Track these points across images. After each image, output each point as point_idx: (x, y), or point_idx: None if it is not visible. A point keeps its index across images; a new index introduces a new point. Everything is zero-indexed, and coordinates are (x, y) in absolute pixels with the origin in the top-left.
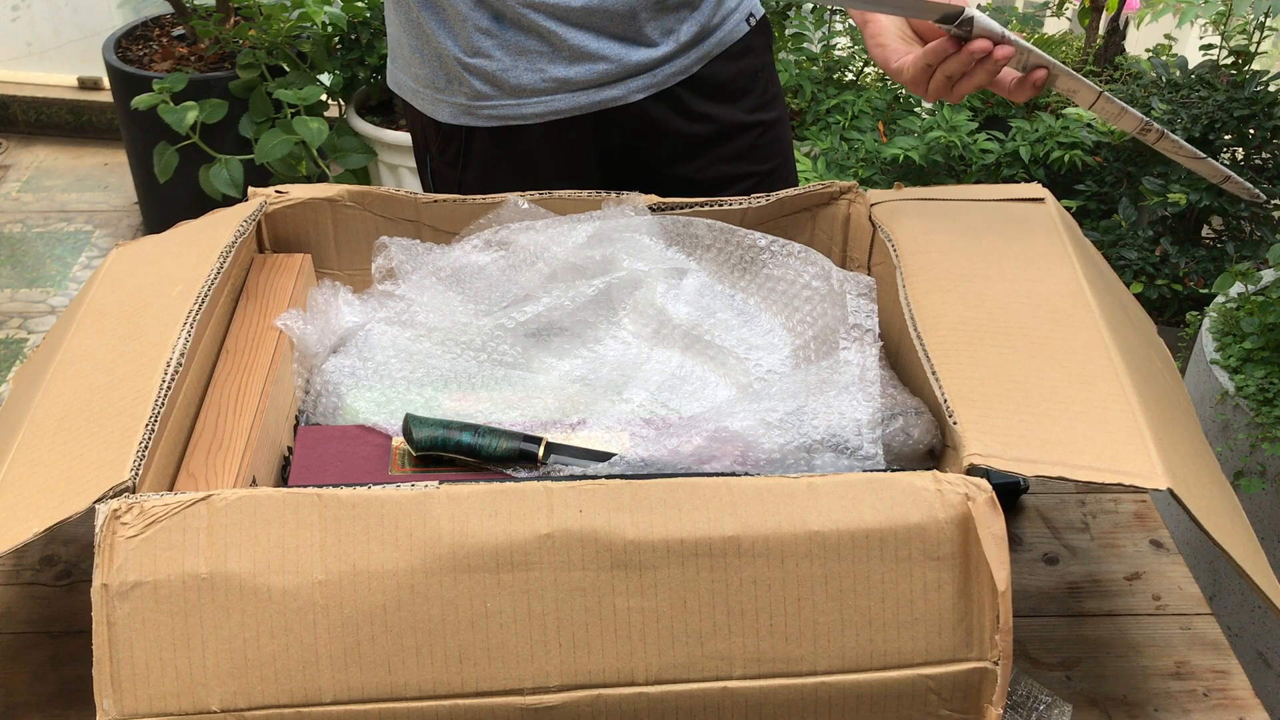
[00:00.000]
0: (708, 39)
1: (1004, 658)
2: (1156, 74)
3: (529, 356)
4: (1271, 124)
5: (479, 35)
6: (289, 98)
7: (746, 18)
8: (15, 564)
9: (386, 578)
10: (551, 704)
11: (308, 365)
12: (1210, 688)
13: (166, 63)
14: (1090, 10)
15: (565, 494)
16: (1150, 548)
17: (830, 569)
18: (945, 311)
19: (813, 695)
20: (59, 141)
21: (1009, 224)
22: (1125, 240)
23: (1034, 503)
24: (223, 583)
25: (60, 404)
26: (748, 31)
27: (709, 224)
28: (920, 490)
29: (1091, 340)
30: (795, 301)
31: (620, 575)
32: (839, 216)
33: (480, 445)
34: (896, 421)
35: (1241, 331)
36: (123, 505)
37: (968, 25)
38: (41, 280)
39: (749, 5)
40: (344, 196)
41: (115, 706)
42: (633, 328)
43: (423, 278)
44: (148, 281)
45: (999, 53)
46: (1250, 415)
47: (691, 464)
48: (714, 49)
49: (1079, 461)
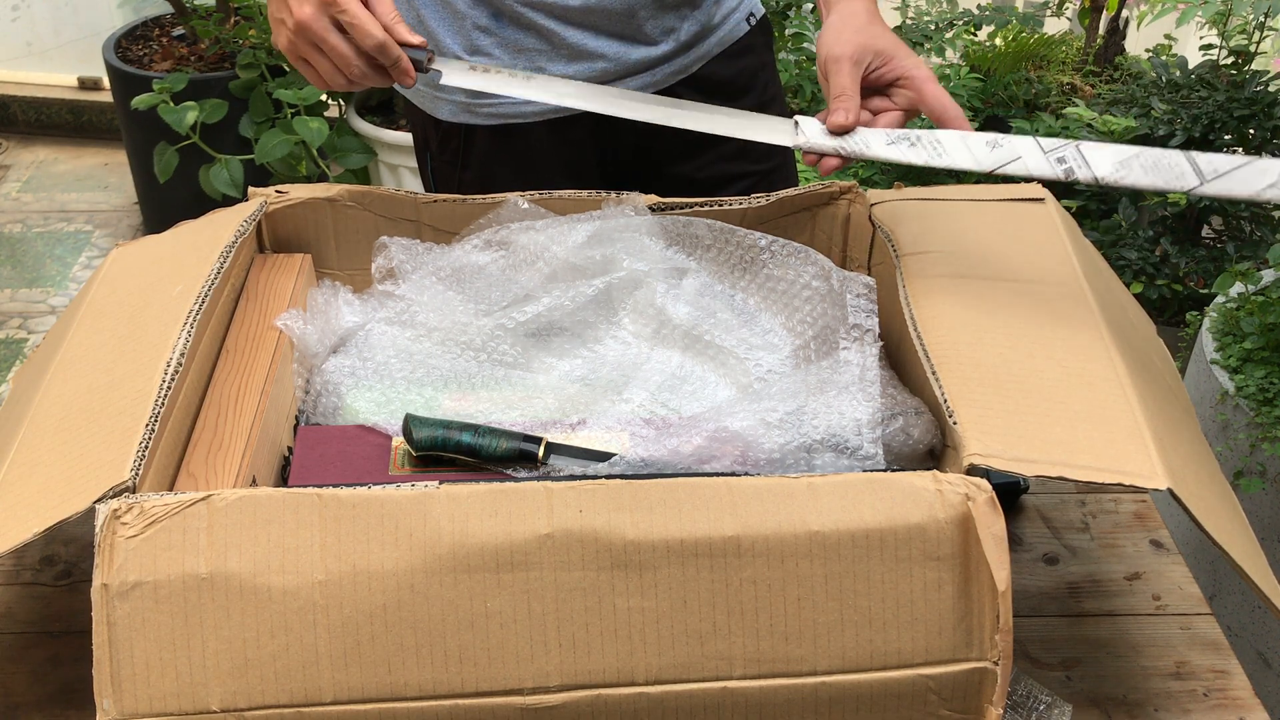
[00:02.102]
0: (708, 38)
1: (1004, 658)
2: (1156, 74)
3: (529, 356)
4: (1271, 124)
5: (478, 33)
6: (289, 98)
7: (747, 17)
8: (15, 564)
9: (386, 578)
10: (551, 704)
11: (308, 365)
12: (1210, 688)
13: (166, 63)
14: (1090, 10)
15: (565, 494)
16: (1150, 548)
17: (830, 569)
18: (945, 311)
19: (813, 695)
20: (59, 141)
21: (1009, 224)
22: (1125, 240)
23: (1034, 503)
24: (223, 583)
25: (60, 404)
26: (748, 31)
27: (709, 224)
28: (920, 490)
29: (1091, 340)
30: (795, 302)
31: (620, 575)
32: (839, 216)
33: (480, 445)
34: (896, 421)
35: (1241, 331)
36: (123, 505)
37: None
38: (41, 280)
39: (749, 4)
40: (344, 196)
41: (115, 706)
42: (633, 328)
43: (423, 278)
44: (148, 281)
45: (823, 165)
46: (1250, 415)
47: (691, 464)
48: (714, 48)
49: (1079, 461)
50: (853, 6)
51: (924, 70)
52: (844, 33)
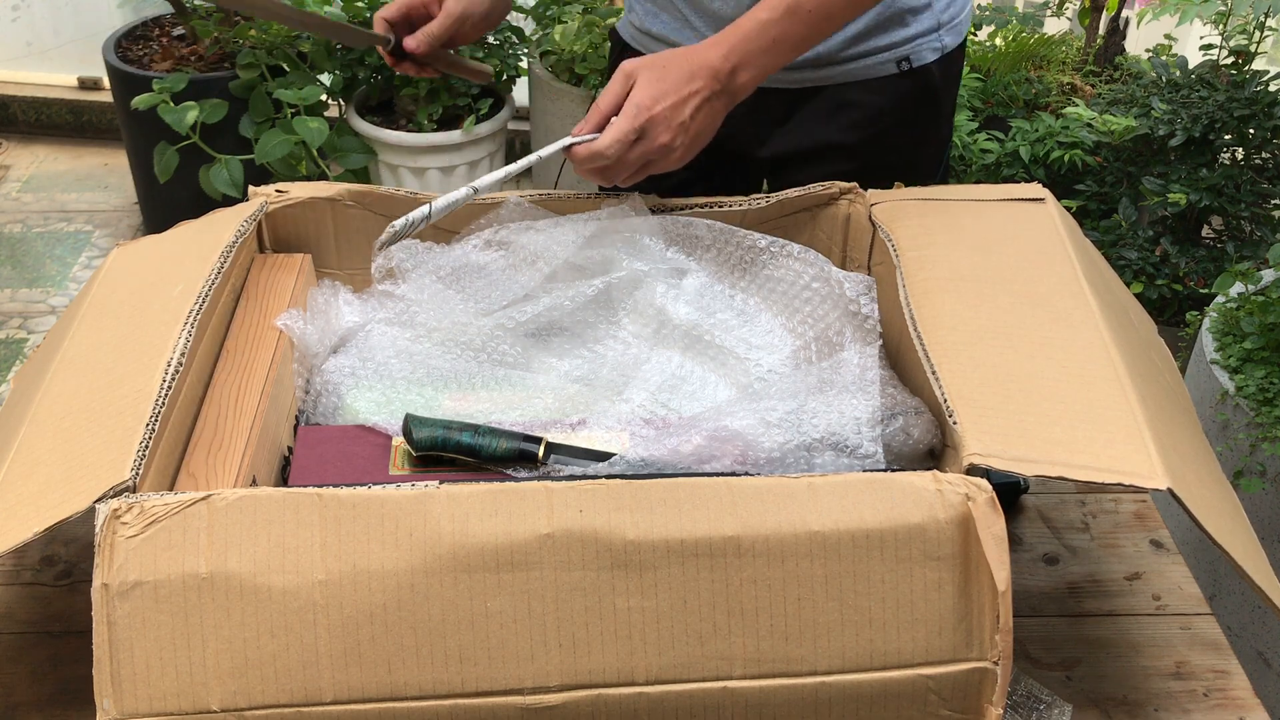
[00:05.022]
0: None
1: (1004, 658)
2: (1156, 74)
3: (529, 356)
4: (1271, 124)
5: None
6: (289, 98)
7: (898, 62)
8: (15, 564)
9: (386, 578)
10: (551, 704)
11: (308, 365)
12: (1210, 688)
13: (166, 63)
14: (1090, 10)
15: (565, 494)
16: (1150, 548)
17: (830, 569)
18: (945, 311)
19: (813, 695)
20: (59, 141)
21: (1009, 224)
22: (1125, 240)
23: (1034, 503)
24: (223, 582)
25: (60, 404)
26: (893, 75)
27: (709, 225)
28: (920, 490)
29: (1091, 340)
30: (795, 302)
31: (620, 575)
32: (839, 216)
33: (480, 445)
34: (896, 421)
35: (1241, 331)
36: (123, 505)
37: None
38: (41, 280)
39: (907, 49)
40: (344, 196)
41: (115, 706)
42: (633, 328)
43: (423, 277)
44: (148, 281)
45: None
46: (1250, 415)
47: (691, 464)
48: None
49: (1079, 461)
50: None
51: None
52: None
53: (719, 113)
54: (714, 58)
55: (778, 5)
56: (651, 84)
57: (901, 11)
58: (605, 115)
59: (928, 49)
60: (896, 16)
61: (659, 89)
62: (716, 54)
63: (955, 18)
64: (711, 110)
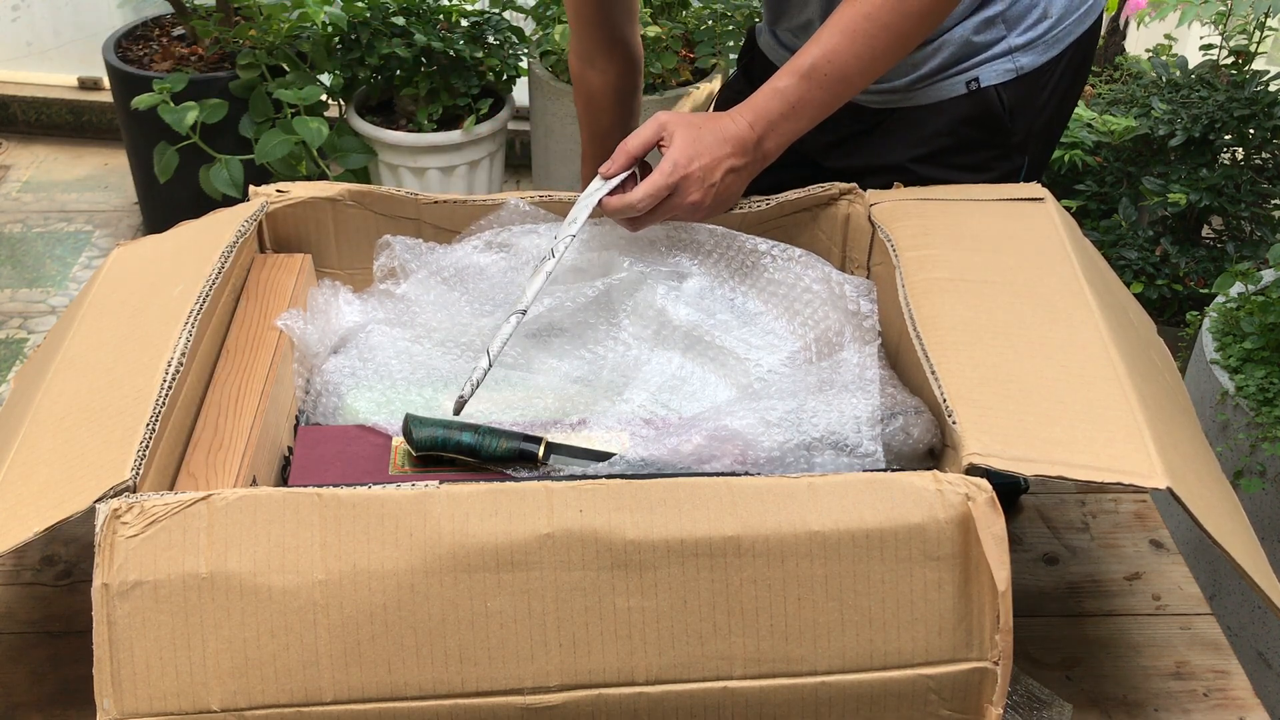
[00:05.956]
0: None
1: (1004, 658)
2: (1156, 74)
3: (529, 357)
4: (1271, 124)
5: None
6: (289, 98)
7: (967, 82)
8: (15, 564)
9: (386, 578)
10: (551, 704)
11: (308, 365)
12: (1210, 688)
13: (166, 63)
14: None
15: (565, 494)
16: (1150, 548)
17: (830, 569)
18: (945, 311)
19: (813, 695)
20: (59, 141)
21: (1009, 224)
22: (1125, 240)
23: (1034, 503)
24: (223, 582)
25: (61, 404)
26: (961, 95)
27: (710, 229)
28: (920, 490)
29: (1091, 340)
30: (796, 305)
31: (620, 575)
32: (839, 217)
33: (480, 445)
34: (896, 420)
35: (1241, 331)
36: (123, 505)
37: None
38: (41, 280)
39: (976, 72)
40: (345, 196)
41: (115, 706)
42: (633, 329)
43: (425, 277)
44: (148, 281)
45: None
46: (1250, 415)
47: (691, 463)
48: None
49: (1079, 461)
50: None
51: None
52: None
53: (745, 180)
54: (742, 127)
55: (795, 71)
56: (688, 144)
57: (974, 45)
58: (633, 157)
59: (999, 70)
60: (967, 45)
61: (694, 149)
62: (744, 123)
63: (1040, 36)
64: (739, 177)
